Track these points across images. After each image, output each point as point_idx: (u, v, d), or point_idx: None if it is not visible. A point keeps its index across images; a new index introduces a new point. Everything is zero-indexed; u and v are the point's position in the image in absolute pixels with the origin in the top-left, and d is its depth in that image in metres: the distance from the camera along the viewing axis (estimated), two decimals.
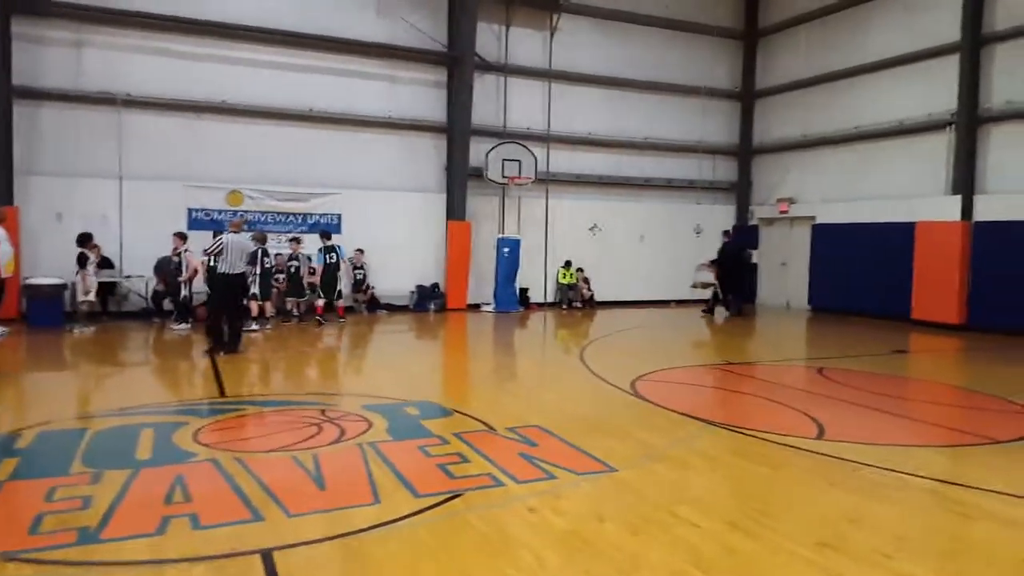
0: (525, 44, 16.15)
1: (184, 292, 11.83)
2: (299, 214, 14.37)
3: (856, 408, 7.16)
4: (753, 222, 18.61)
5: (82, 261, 11.41)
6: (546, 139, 16.29)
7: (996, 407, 7.36)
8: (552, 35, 16.23)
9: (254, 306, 11.85)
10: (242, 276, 9.69)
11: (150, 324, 12.17)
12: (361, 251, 14.38)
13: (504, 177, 15.38)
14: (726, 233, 16.09)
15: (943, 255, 13.65)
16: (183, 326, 11.61)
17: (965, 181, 13.40)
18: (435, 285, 15.53)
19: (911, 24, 14.54)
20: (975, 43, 13.27)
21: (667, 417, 6.64)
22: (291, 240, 13.42)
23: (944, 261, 13.64)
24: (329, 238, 13.08)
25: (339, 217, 14.64)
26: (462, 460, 5.10)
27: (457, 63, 15.10)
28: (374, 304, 14.69)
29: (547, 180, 16.19)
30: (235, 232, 9.75)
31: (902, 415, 7.17)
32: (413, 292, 15.38)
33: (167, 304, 12.37)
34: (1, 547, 3.54)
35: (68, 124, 12.75)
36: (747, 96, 18.50)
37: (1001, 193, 13.00)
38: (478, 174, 15.38)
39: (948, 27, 13.73)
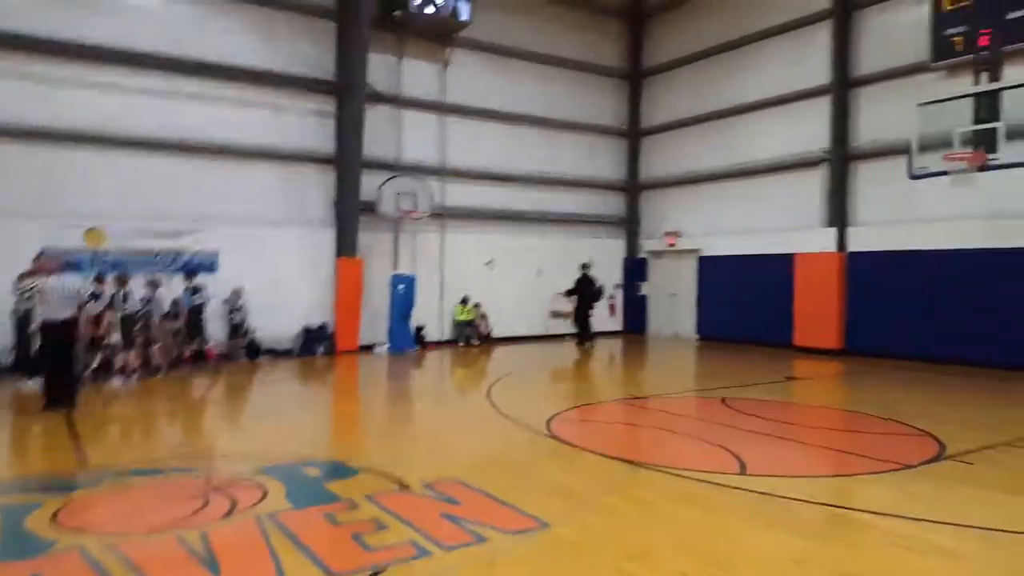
0: (419, 76, 15.87)
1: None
2: (170, 253, 13.12)
3: (769, 439, 7.19)
4: (642, 255, 19.08)
5: None
6: (441, 173, 16.00)
7: (896, 431, 7.61)
8: (446, 68, 16.06)
9: (119, 357, 10.61)
10: (66, 324, 8.59)
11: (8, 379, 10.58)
12: (240, 291, 13.31)
13: (398, 211, 14.86)
14: (584, 266, 16.19)
15: (821, 284, 14.47)
16: (31, 382, 10.15)
17: (837, 214, 14.36)
18: (323, 326, 14.64)
19: (786, 67, 15.54)
20: (843, 86, 14.34)
21: (588, 460, 6.38)
22: (148, 283, 12.06)
23: (822, 290, 14.45)
24: (192, 277, 12.02)
25: (216, 255, 13.52)
26: (378, 527, 4.54)
27: (347, 93, 14.54)
28: (254, 349, 13.55)
29: (443, 215, 15.84)
30: (48, 274, 8.74)
31: (814, 444, 7.29)
32: (299, 335, 14.41)
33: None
34: None
35: None
36: (634, 133, 19.14)
37: (870, 225, 13.98)
38: (370, 208, 14.78)
39: (819, 71, 14.77)
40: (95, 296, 10.71)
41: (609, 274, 18.64)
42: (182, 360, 11.86)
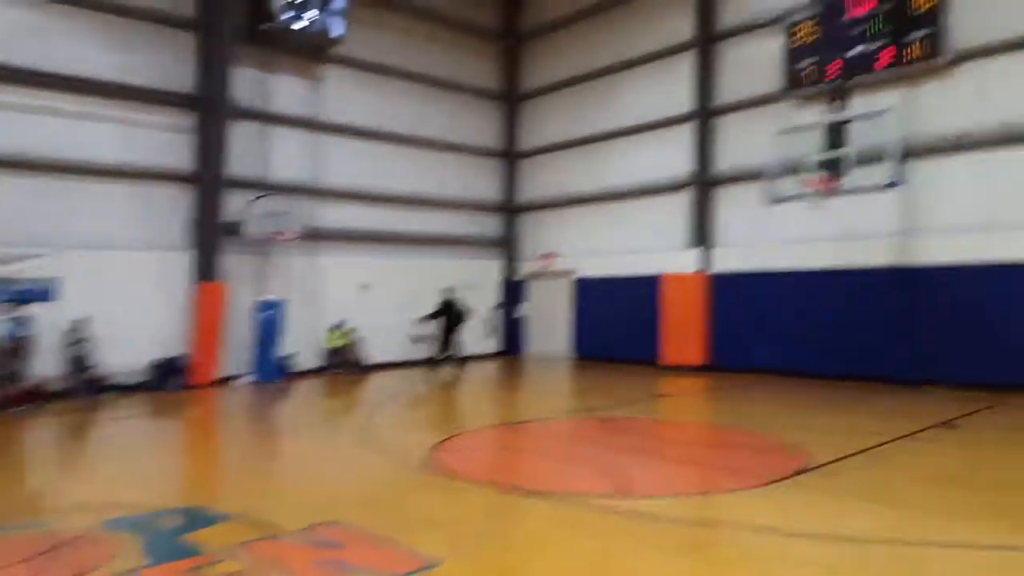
0: (290, 92, 15.18)
1: None
2: (2, 279, 11.57)
3: (646, 458, 7.36)
4: (520, 277, 19.22)
5: None
6: (314, 192, 15.34)
7: (764, 445, 7.96)
8: (317, 85, 15.50)
9: None
10: None
11: None
12: (82, 322, 12.00)
13: (266, 233, 14.04)
14: (446, 291, 16.10)
15: (685, 304, 15.19)
16: None
17: (700, 236, 15.16)
18: (178, 357, 13.42)
19: (652, 94, 16.29)
20: (705, 114, 15.20)
21: (473, 490, 6.20)
22: None
23: (687, 309, 15.17)
24: (19, 307, 10.89)
25: (55, 282, 12.06)
26: None
27: (209, 108, 13.63)
28: (97, 385, 12.17)
29: (316, 236, 15.16)
30: None
31: (690, 461, 7.51)
32: (152, 367, 13.14)
33: None
34: None
35: None
36: (511, 155, 19.33)
37: (732, 246, 14.86)
38: (235, 230, 13.87)
39: (683, 99, 15.61)
40: None
41: (487, 296, 18.66)
42: (9, 399, 10.47)
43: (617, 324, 16.56)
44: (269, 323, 14.12)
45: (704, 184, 15.18)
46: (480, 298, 18.43)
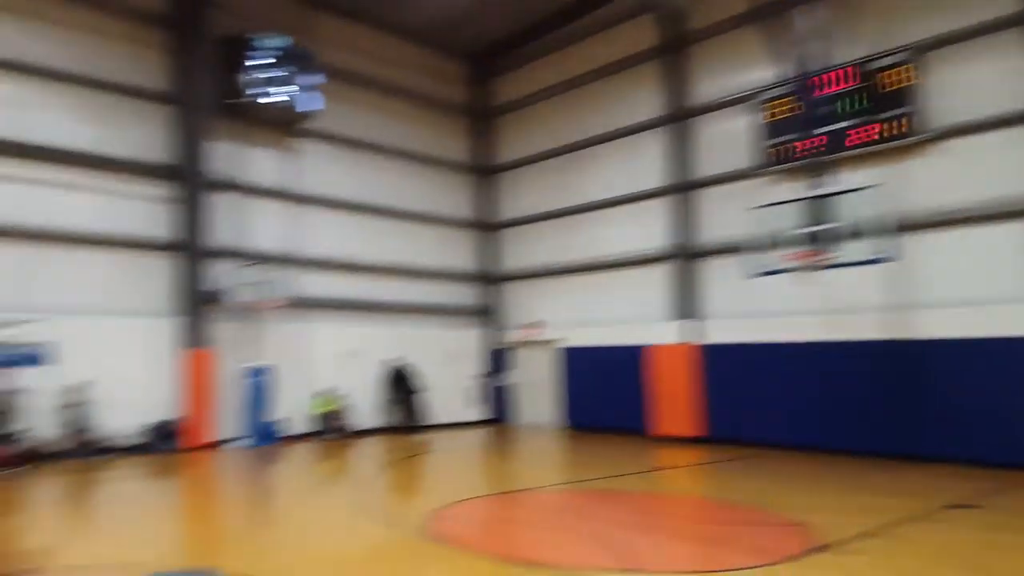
0: (265, 164, 15.79)
1: None
2: None
3: (651, 533, 7.37)
4: (505, 345, 19.46)
5: None
6: (295, 262, 15.83)
7: (771, 521, 7.69)
8: (293, 157, 16.16)
9: None
10: None
11: None
12: (76, 386, 12.26)
13: (249, 301, 14.45)
14: (394, 360, 16.39)
15: (674, 375, 15.20)
16: None
17: (684, 308, 15.32)
18: (170, 422, 13.70)
19: (626, 169, 16.69)
20: (682, 188, 15.49)
21: (469, 562, 6.24)
22: None
23: (676, 381, 15.15)
24: (8, 371, 11.24)
25: (46, 347, 12.35)
26: None
27: (186, 179, 14.25)
28: (92, 447, 12.41)
29: (297, 304, 15.61)
30: None
31: (697, 537, 7.46)
32: (143, 431, 13.38)
33: None
34: None
35: None
36: (487, 226, 19.92)
37: (721, 317, 14.82)
38: (219, 298, 14.30)
39: (656, 173, 15.97)
40: None
41: (470, 364, 19.04)
42: (2, 460, 10.65)
43: (605, 394, 16.59)
44: (258, 388, 14.42)
45: (686, 256, 15.35)
46: (463, 367, 18.86)
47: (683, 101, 15.72)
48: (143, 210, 14.00)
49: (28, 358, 11.89)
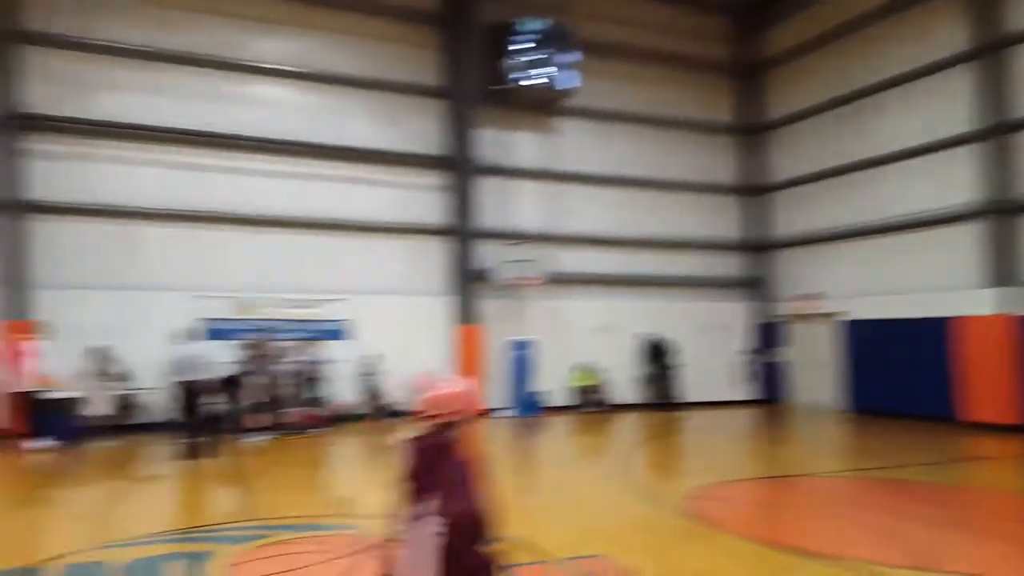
0: (527, 146, 16.38)
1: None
2: (308, 321, 14.07)
3: (954, 529, 6.39)
4: (777, 319, 18.05)
5: (96, 373, 11.23)
6: (554, 239, 16.25)
7: None
8: (553, 137, 16.49)
9: (253, 417, 11.62)
10: (194, 384, 10.04)
11: (167, 436, 11.48)
12: (372, 357, 13.98)
13: (513, 279, 15.20)
14: (649, 335, 15.35)
15: (987, 351, 12.90)
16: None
17: (1001, 273, 12.85)
18: None
19: (922, 113, 14.41)
20: (999, 132, 12.99)
21: (732, 542, 5.94)
22: (283, 349, 12.89)
23: (989, 358, 12.86)
24: (319, 344, 13.07)
25: (347, 323, 14.34)
26: None
27: (458, 167, 15.33)
28: (385, 411, 14.10)
29: (556, 280, 16.02)
30: (186, 342, 10.36)
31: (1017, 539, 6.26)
32: None
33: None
34: None
35: (82, 238, 12.69)
36: (754, 190, 18.53)
37: None
38: (486, 277, 15.24)
39: (964, 117, 13.56)
40: (240, 362, 11.72)
41: (736, 340, 18.01)
42: (310, 421, 12.46)
43: (897, 373, 14.51)
44: (522, 361, 15.13)
45: (1004, 212, 12.85)
46: (727, 342, 17.89)
47: (997, 29, 13.10)
48: (421, 198, 15.44)
49: (332, 333, 13.94)
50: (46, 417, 10.74)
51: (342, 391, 13.66)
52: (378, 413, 13.91)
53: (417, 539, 2.77)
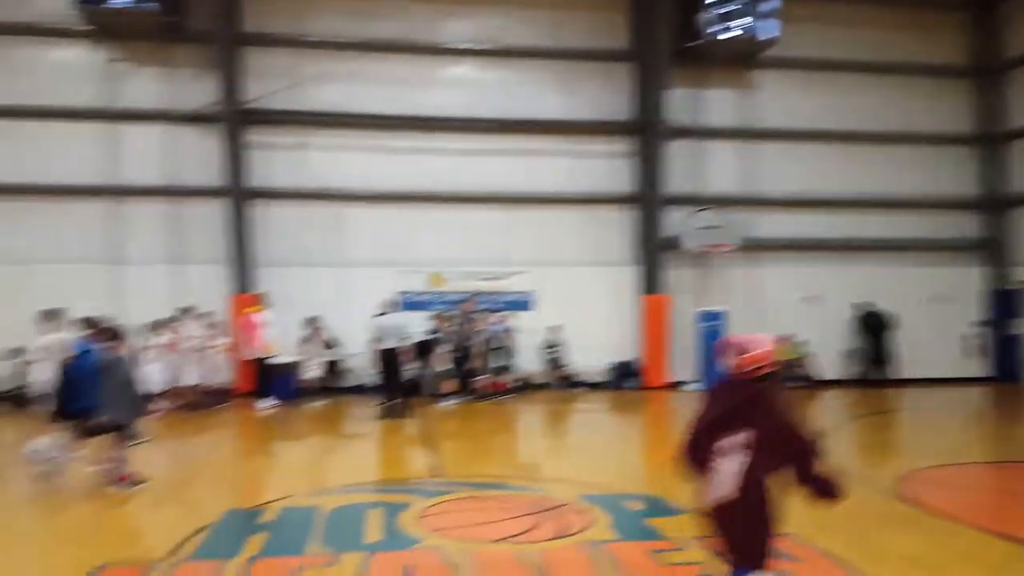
0: (720, 105, 15.45)
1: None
2: (495, 292, 14.57)
3: None
4: (1015, 286, 15.67)
5: (309, 341, 12.43)
6: (748, 202, 15.28)
7: None
8: (750, 93, 15.43)
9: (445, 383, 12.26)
10: (394, 351, 10.71)
11: (369, 398, 12.48)
12: (555, 328, 14.16)
13: (703, 246, 14.54)
14: (864, 304, 13.48)
15: None
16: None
17: None
18: (631, 362, 14.82)
19: None
20: None
21: (953, 530, 5.38)
22: (472, 319, 13.28)
23: None
24: (505, 314, 13.40)
25: (531, 294, 14.62)
26: (707, 574, 4.31)
27: (646, 132, 14.81)
28: (567, 381, 14.29)
29: (752, 247, 15.08)
30: (387, 313, 11.05)
31: None
32: (608, 369, 14.78)
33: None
34: None
35: (296, 220, 14.07)
36: (992, 139, 16.07)
37: None
38: (674, 245, 14.70)
39: None
40: (434, 331, 12.42)
41: (966, 310, 15.90)
42: (499, 388, 12.90)
43: None
44: (712, 333, 14.50)
45: None
46: (955, 312, 15.83)
47: None
48: (606, 167, 15.19)
49: (517, 304, 14.30)
50: (270, 380, 12.07)
51: (527, 360, 13.99)
52: (559, 383, 14.10)
53: (727, 470, 3.12)
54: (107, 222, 13.43)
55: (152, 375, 11.02)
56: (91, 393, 6.30)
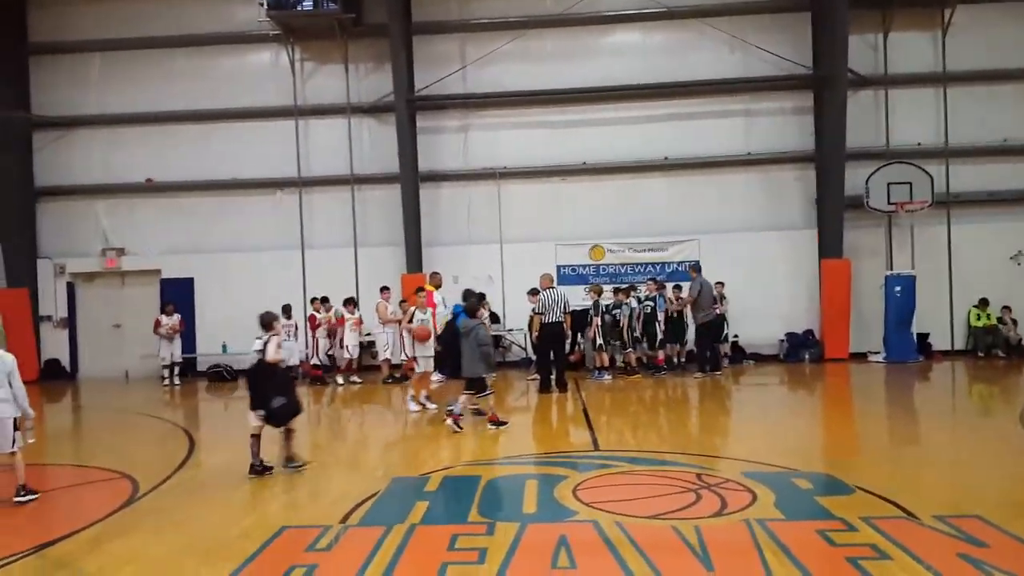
0: (908, 49, 14.00)
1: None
2: (658, 263, 14.34)
3: None
4: None
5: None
6: (943, 154, 13.73)
7: None
8: (944, 33, 13.74)
9: (600, 356, 12.24)
10: (559, 325, 10.74)
11: (528, 372, 12.94)
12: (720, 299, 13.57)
13: (891, 204, 13.29)
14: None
15: None
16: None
17: None
18: (809, 332, 14.01)
19: None
20: None
21: None
22: (624, 291, 12.95)
23: None
24: (663, 286, 13.04)
25: (698, 264, 14.14)
26: (879, 556, 4.10)
27: (825, 84, 13.71)
28: (738, 354, 13.78)
29: (948, 202, 13.57)
30: (549, 288, 10.98)
31: None
32: (783, 340, 14.06)
33: None
34: None
35: (459, 199, 14.72)
36: None
37: None
38: (856, 204, 13.57)
39: None
40: (592, 304, 12.42)
41: None
42: (660, 363, 12.63)
43: None
44: (900, 299, 13.32)
45: None
46: None
47: None
48: (779, 124, 14.38)
49: (683, 276, 13.86)
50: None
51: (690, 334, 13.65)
52: (730, 357, 13.58)
53: None
54: (294, 210, 14.79)
55: (350, 348, 12.52)
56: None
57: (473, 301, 8.59)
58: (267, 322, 6.72)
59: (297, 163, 14.62)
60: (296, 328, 13.34)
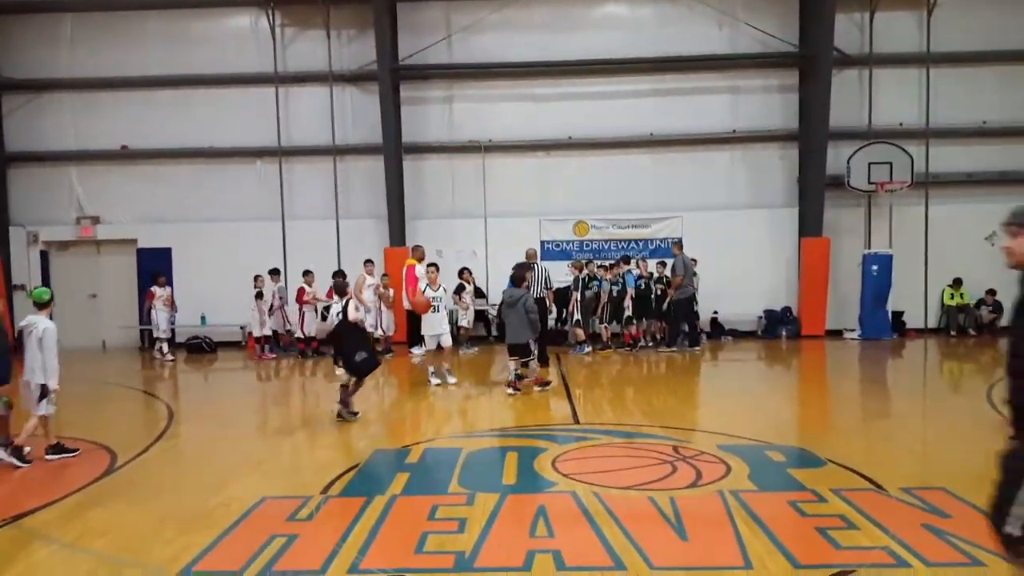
0: (894, 28, 13.97)
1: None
2: (640, 240, 14.39)
3: None
4: None
5: (460, 291, 12.92)
6: (924, 134, 13.84)
7: None
8: (930, 14, 13.78)
9: (579, 331, 12.36)
10: (541, 301, 10.59)
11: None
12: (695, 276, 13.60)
13: (871, 183, 13.42)
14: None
15: None
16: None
17: None
18: (787, 309, 14.19)
19: None
20: None
21: None
22: (609, 264, 13.13)
23: None
24: (635, 262, 13.11)
25: (680, 240, 14.22)
26: (847, 526, 4.25)
27: (811, 62, 13.70)
28: (716, 330, 13.94)
29: (927, 182, 13.72)
30: (531, 262, 10.98)
31: None
32: (761, 317, 14.24)
33: None
34: (393, 563, 3.83)
35: (444, 172, 14.62)
36: None
37: None
38: (837, 183, 13.69)
39: None
40: (574, 280, 12.45)
41: None
42: (639, 337, 12.72)
43: None
44: (876, 278, 13.51)
45: None
46: None
47: None
48: (763, 102, 14.37)
49: (665, 252, 13.93)
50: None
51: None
52: (706, 334, 13.72)
53: None
54: (274, 180, 14.51)
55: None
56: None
57: (521, 271, 9.10)
58: (341, 288, 7.56)
59: (277, 132, 14.36)
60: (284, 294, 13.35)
